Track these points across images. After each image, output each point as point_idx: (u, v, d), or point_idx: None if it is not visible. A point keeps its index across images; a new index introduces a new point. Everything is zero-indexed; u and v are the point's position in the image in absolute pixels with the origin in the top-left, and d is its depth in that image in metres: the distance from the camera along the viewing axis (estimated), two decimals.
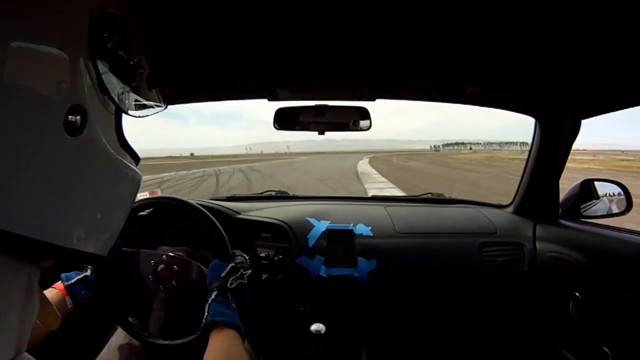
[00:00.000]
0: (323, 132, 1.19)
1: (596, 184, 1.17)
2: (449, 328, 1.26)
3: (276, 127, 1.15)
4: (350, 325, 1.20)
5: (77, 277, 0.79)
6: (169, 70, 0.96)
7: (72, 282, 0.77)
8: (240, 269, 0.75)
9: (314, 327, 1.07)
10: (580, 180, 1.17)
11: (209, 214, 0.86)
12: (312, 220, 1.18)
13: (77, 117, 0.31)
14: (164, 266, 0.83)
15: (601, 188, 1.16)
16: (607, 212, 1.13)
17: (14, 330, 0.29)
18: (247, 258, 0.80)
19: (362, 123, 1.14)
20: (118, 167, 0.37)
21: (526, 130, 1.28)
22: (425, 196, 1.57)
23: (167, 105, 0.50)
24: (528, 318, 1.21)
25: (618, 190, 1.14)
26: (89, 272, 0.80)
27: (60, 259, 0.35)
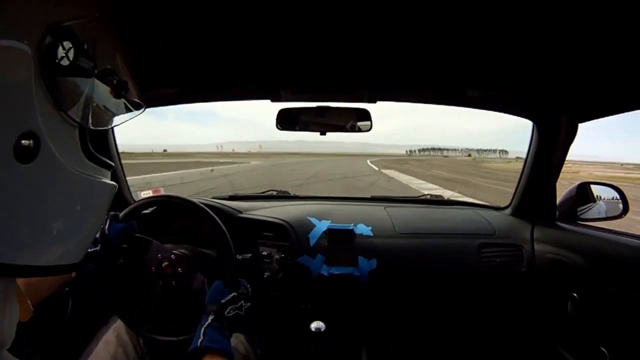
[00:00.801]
0: (324, 133, 1.21)
1: (592, 187, 1.19)
2: (448, 327, 1.27)
3: (279, 127, 1.19)
4: (350, 324, 1.21)
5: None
6: (174, 71, 0.97)
7: None
8: (241, 300, 0.73)
9: (314, 325, 1.08)
10: (577, 184, 1.18)
11: (212, 212, 0.87)
12: (313, 220, 1.19)
13: (30, 141, 0.30)
14: (167, 263, 0.84)
15: (597, 191, 1.18)
16: (603, 215, 1.14)
17: None
18: (249, 289, 0.79)
19: (363, 124, 1.17)
20: (79, 182, 0.37)
21: (507, 138, 1.27)
22: (424, 197, 1.60)
23: (146, 107, 0.48)
24: (527, 318, 1.22)
25: (614, 194, 1.14)
26: (98, 247, 0.81)
27: (26, 276, 0.35)
